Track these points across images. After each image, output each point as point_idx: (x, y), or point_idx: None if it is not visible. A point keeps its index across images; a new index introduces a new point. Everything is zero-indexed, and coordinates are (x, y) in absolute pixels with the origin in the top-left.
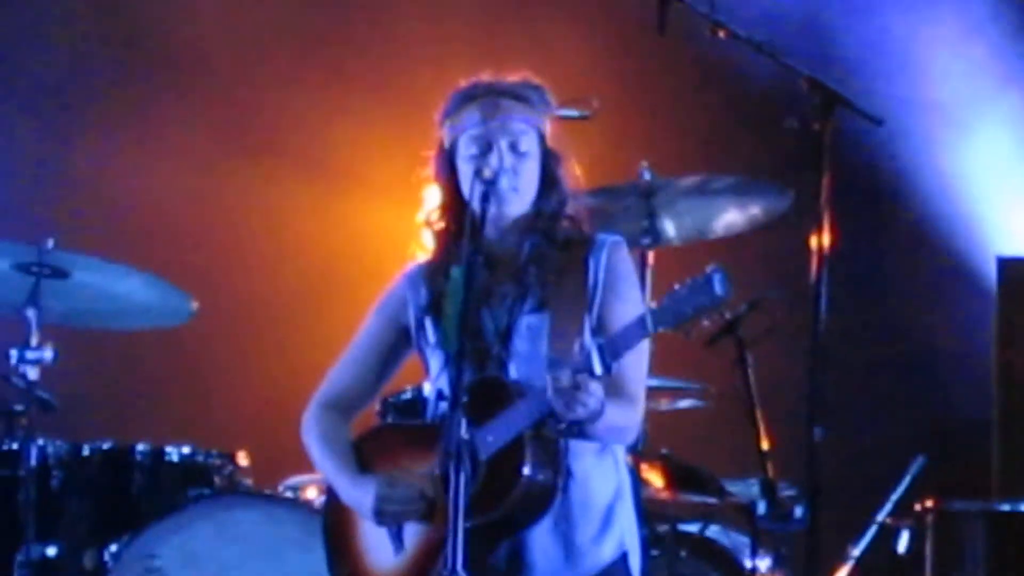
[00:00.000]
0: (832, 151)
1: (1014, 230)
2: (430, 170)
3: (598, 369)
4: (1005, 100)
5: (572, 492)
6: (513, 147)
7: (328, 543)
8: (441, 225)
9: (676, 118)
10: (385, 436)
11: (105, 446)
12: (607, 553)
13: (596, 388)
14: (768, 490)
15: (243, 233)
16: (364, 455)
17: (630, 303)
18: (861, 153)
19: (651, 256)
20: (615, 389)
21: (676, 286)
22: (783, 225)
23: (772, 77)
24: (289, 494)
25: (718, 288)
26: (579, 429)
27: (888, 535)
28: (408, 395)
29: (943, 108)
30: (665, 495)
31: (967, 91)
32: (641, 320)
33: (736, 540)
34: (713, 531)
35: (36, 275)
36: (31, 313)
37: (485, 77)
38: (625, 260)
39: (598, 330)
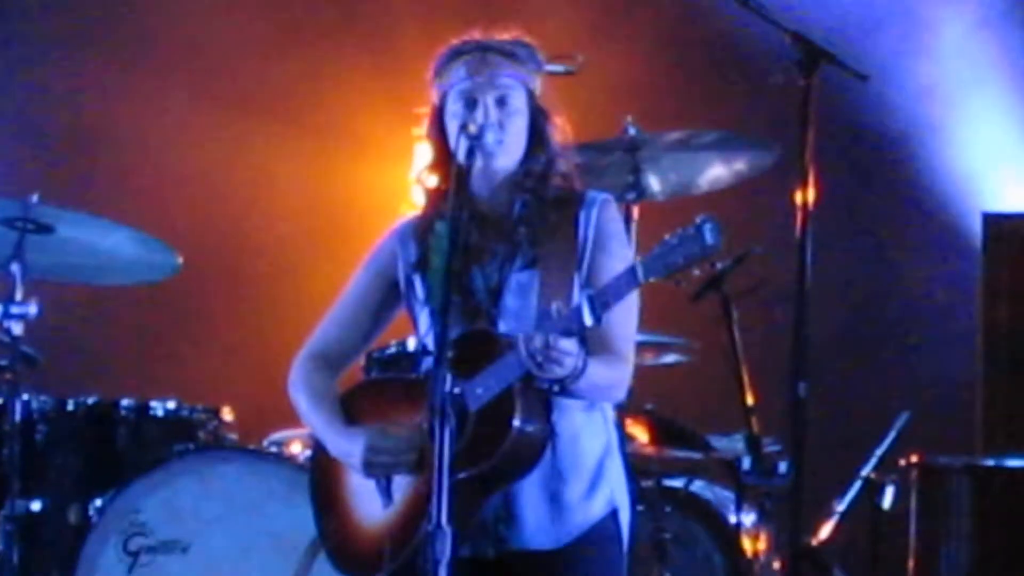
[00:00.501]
0: (817, 106)
1: (1000, 186)
2: (422, 128)
3: (588, 320)
4: (994, 55)
5: (561, 449)
6: (500, 102)
7: (315, 498)
8: (431, 182)
9: (661, 73)
10: (373, 390)
11: (90, 401)
12: (597, 509)
13: (570, 346)
14: (753, 445)
15: (229, 188)
16: (352, 409)
17: (620, 260)
18: (846, 109)
19: (636, 211)
20: (602, 346)
21: (667, 236)
22: (768, 180)
23: (758, 32)
24: (273, 449)
25: (709, 237)
26: (562, 387)
27: (873, 490)
28: (392, 350)
29: (930, 63)
30: (650, 450)
31: (955, 46)
32: (631, 270)
33: (720, 495)
34: (698, 486)
35: (20, 230)
36: (15, 268)
37: (474, 35)
38: (615, 218)
39: (587, 287)
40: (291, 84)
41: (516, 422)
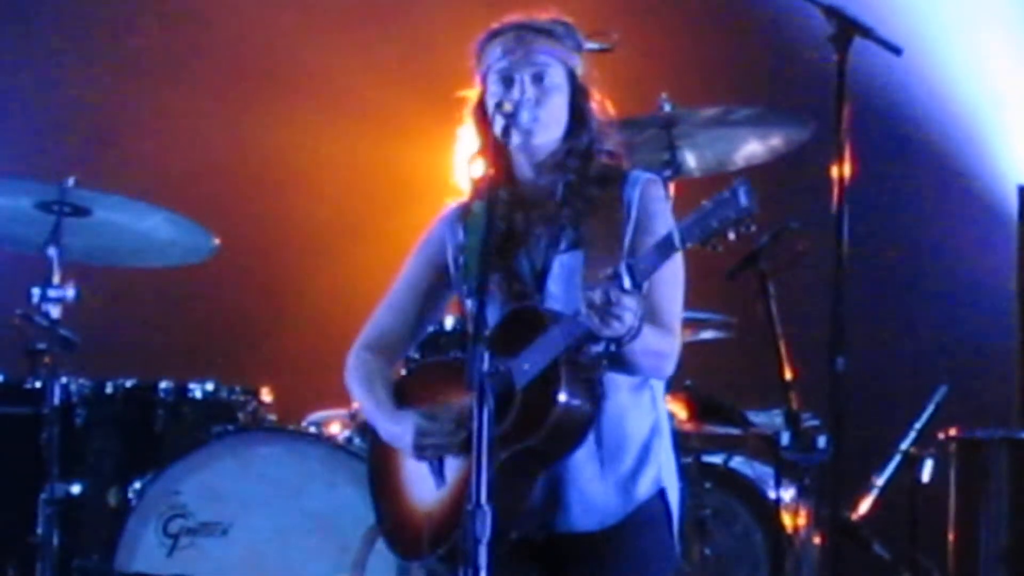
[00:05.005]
0: (852, 81)
1: None
2: (465, 112)
3: (628, 287)
4: None
5: (607, 429)
6: (536, 79)
7: (372, 482)
8: (477, 168)
9: (696, 49)
10: (425, 373)
11: (128, 383)
12: (643, 490)
13: (630, 302)
14: (791, 421)
15: (265, 169)
16: (405, 393)
17: None
18: (882, 82)
19: (672, 187)
20: (651, 318)
21: (703, 202)
22: (804, 155)
23: (792, 6)
24: (312, 429)
25: (743, 199)
26: (617, 351)
27: (912, 464)
28: (430, 329)
29: (964, 35)
30: (689, 427)
31: (989, 18)
32: (668, 237)
33: (760, 471)
34: (737, 462)
35: (57, 213)
36: (53, 251)
37: (514, 17)
38: (659, 198)
39: None
40: (329, 68)
41: (562, 396)
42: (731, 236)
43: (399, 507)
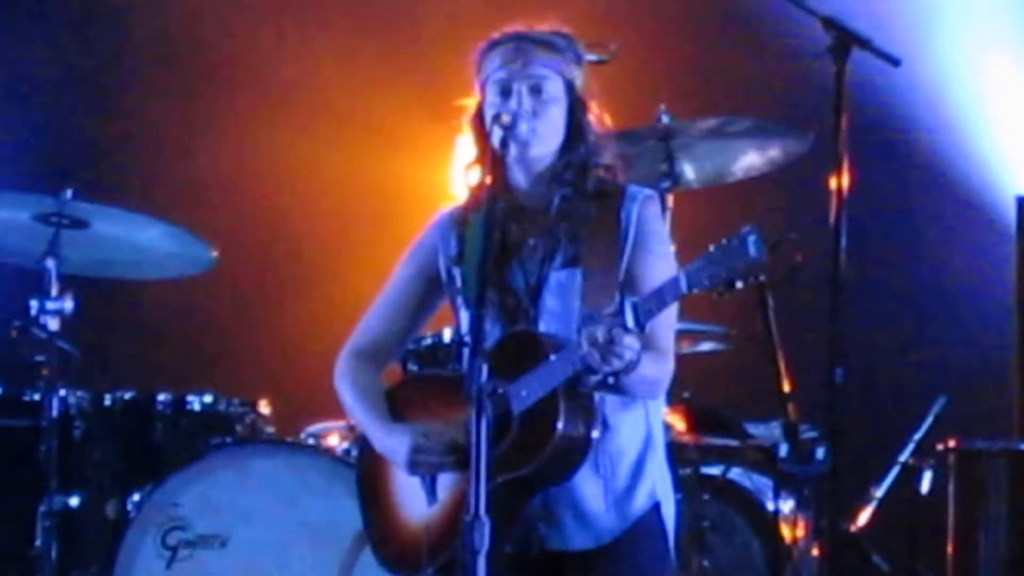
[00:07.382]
0: (850, 92)
1: None
2: (463, 120)
3: (631, 327)
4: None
5: (603, 448)
6: (534, 90)
7: (361, 493)
8: (473, 176)
9: (694, 60)
10: (418, 386)
11: (127, 396)
12: (638, 505)
13: (631, 341)
14: (790, 432)
15: (263, 182)
16: (397, 405)
17: (661, 258)
18: (879, 94)
19: (670, 199)
20: (647, 343)
21: (711, 247)
22: (802, 167)
23: (790, 18)
24: (311, 441)
25: (752, 250)
26: (614, 381)
27: (911, 475)
28: (428, 341)
29: (962, 47)
30: (687, 438)
31: (987, 30)
32: (675, 281)
33: (758, 482)
34: (735, 473)
35: (55, 226)
36: (51, 264)
37: (515, 27)
38: (656, 216)
39: (627, 285)
40: (327, 82)
41: (560, 426)
42: (739, 285)
43: (389, 520)
